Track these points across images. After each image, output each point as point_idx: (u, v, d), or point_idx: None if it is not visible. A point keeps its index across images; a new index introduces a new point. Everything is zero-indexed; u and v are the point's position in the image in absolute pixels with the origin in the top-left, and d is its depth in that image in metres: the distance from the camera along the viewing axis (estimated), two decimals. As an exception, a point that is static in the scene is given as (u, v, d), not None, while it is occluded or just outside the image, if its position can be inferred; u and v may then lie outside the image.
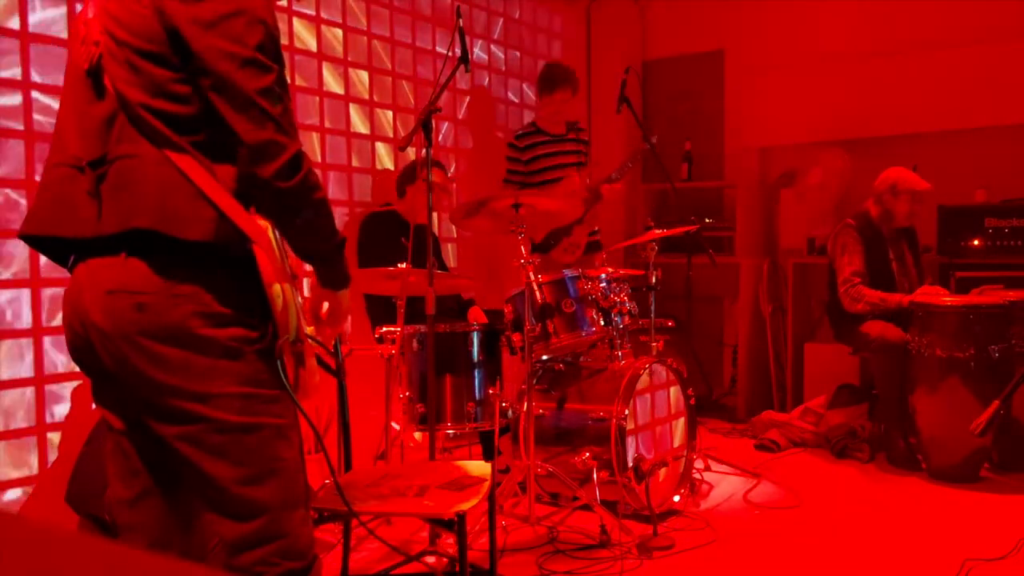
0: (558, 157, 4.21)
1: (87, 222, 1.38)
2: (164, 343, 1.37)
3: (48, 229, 1.44)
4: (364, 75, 3.95)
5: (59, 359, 2.79)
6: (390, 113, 4.08)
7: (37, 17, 2.73)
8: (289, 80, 1.93)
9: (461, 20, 2.88)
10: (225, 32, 1.36)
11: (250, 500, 1.43)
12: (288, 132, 1.41)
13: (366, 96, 3.96)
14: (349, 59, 3.86)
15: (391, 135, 4.08)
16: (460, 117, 4.48)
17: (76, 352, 1.48)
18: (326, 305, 1.65)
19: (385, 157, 4.07)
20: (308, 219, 1.48)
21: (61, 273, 2.11)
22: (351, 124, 3.89)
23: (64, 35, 2.79)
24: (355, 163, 3.92)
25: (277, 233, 1.49)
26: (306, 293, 1.65)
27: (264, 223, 1.43)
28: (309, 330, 1.56)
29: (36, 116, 2.72)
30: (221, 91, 1.37)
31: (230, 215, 1.38)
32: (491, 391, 3.04)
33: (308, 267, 1.62)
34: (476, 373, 3.04)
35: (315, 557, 1.51)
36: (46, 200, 1.46)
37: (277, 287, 1.41)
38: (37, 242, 1.48)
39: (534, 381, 3.23)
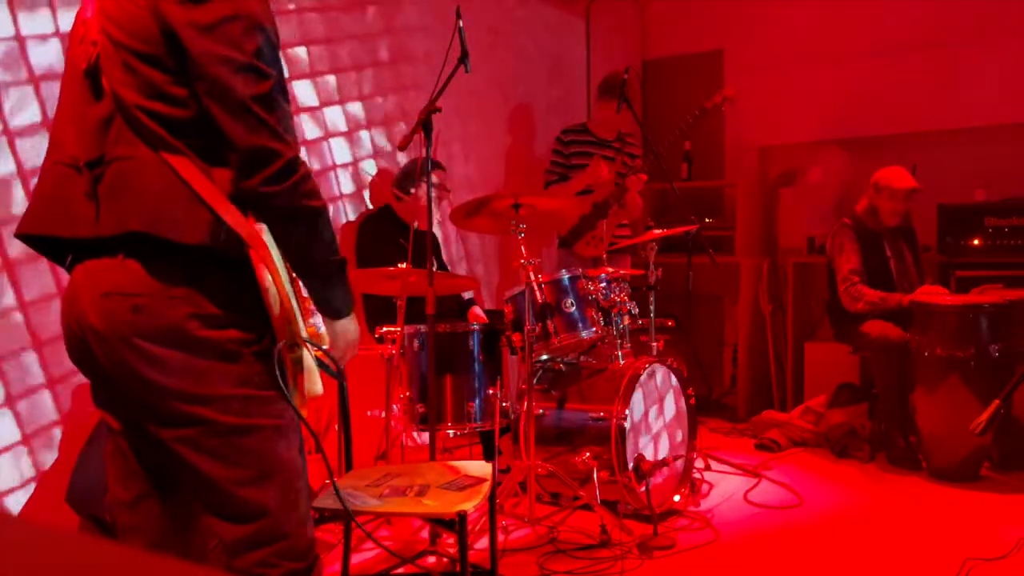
0: (586, 160, 4.27)
1: (85, 223, 1.38)
2: (161, 345, 1.36)
3: (45, 229, 1.43)
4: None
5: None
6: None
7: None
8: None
9: (461, 20, 2.88)
10: (222, 36, 1.34)
11: (250, 502, 1.42)
12: (283, 138, 1.38)
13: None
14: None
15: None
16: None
17: (74, 354, 1.47)
18: (322, 326, 1.58)
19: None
20: (303, 229, 1.44)
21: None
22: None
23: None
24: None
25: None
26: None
27: (260, 226, 1.42)
28: (310, 329, 1.55)
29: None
30: (216, 96, 1.35)
31: (226, 219, 1.37)
32: (491, 391, 3.04)
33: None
34: (476, 373, 3.04)
35: (316, 557, 1.50)
36: (43, 199, 1.45)
37: (274, 290, 1.40)
38: (34, 241, 1.47)
39: (534, 381, 3.23)
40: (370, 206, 3.95)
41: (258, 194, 1.38)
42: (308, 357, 1.48)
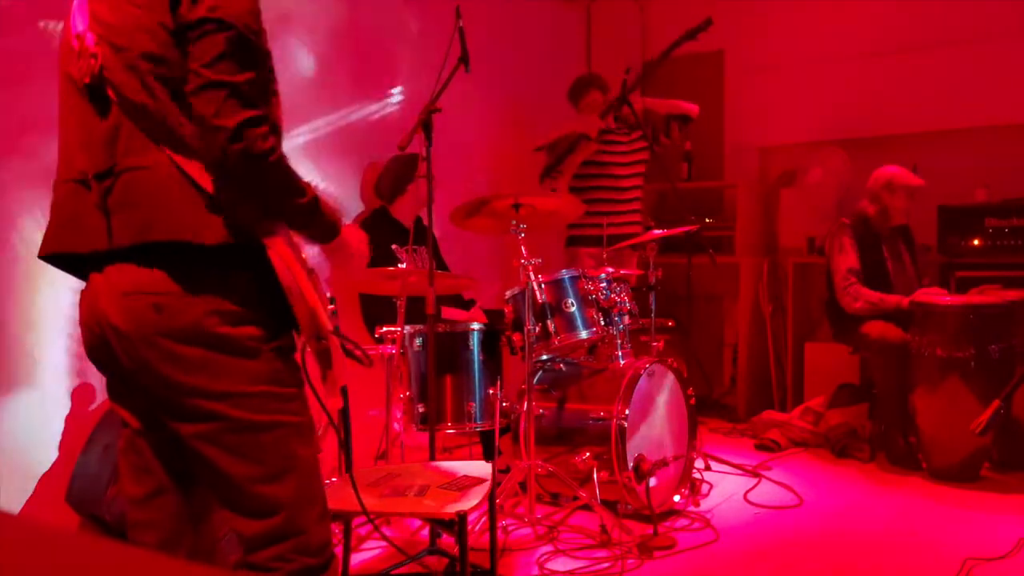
0: (601, 155, 4.25)
1: (99, 237, 1.40)
2: (183, 343, 1.38)
3: (63, 247, 1.46)
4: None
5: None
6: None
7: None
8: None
9: (461, 20, 2.88)
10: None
11: (267, 498, 1.44)
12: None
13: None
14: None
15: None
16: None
17: (92, 351, 1.50)
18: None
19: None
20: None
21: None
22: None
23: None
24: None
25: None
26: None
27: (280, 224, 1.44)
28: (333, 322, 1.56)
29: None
30: None
31: (243, 221, 1.38)
32: (491, 391, 3.04)
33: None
34: (476, 373, 3.04)
35: (332, 555, 1.52)
36: (58, 218, 1.48)
37: (295, 287, 1.42)
38: (55, 260, 1.50)
39: (534, 381, 3.23)
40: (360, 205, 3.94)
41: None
42: (335, 350, 1.49)
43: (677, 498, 3.17)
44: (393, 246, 3.62)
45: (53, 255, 1.48)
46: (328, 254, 1.61)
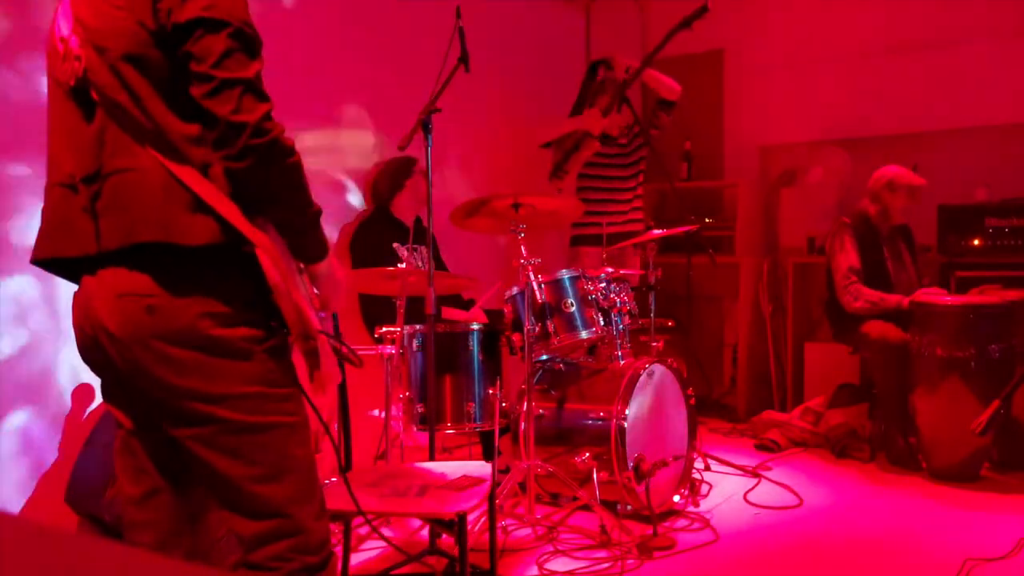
0: (601, 157, 4.24)
1: (88, 240, 1.39)
2: (176, 345, 1.38)
3: (53, 252, 1.45)
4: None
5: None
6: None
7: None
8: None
9: (461, 20, 2.88)
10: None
11: (265, 498, 1.44)
12: None
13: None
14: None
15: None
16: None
17: (86, 352, 1.49)
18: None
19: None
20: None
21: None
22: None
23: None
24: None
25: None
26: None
27: (263, 224, 1.43)
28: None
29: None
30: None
31: (230, 220, 1.38)
32: (491, 391, 3.04)
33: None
34: (476, 373, 3.04)
35: (331, 553, 1.52)
36: (48, 223, 1.47)
37: (282, 286, 1.41)
38: (47, 264, 1.50)
39: (534, 381, 3.23)
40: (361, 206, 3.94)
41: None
42: (323, 350, 1.49)
43: (677, 498, 3.17)
44: (394, 244, 3.62)
45: (45, 260, 1.48)
46: (316, 280, 1.60)
